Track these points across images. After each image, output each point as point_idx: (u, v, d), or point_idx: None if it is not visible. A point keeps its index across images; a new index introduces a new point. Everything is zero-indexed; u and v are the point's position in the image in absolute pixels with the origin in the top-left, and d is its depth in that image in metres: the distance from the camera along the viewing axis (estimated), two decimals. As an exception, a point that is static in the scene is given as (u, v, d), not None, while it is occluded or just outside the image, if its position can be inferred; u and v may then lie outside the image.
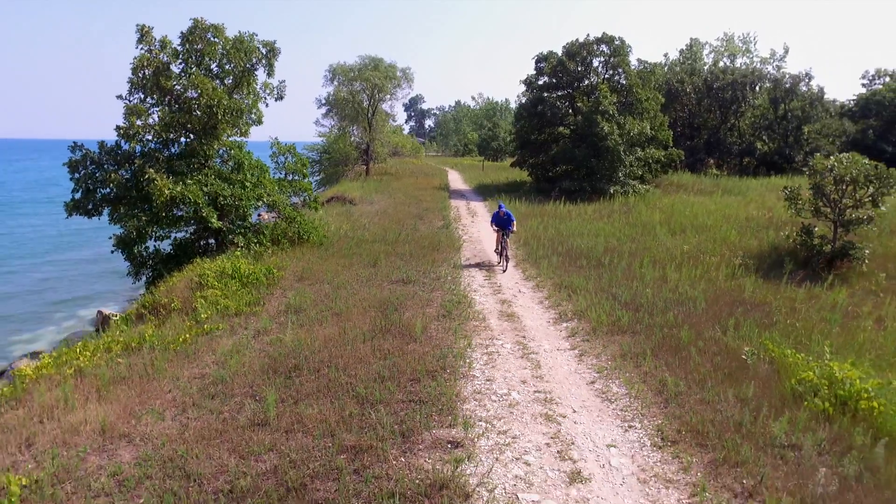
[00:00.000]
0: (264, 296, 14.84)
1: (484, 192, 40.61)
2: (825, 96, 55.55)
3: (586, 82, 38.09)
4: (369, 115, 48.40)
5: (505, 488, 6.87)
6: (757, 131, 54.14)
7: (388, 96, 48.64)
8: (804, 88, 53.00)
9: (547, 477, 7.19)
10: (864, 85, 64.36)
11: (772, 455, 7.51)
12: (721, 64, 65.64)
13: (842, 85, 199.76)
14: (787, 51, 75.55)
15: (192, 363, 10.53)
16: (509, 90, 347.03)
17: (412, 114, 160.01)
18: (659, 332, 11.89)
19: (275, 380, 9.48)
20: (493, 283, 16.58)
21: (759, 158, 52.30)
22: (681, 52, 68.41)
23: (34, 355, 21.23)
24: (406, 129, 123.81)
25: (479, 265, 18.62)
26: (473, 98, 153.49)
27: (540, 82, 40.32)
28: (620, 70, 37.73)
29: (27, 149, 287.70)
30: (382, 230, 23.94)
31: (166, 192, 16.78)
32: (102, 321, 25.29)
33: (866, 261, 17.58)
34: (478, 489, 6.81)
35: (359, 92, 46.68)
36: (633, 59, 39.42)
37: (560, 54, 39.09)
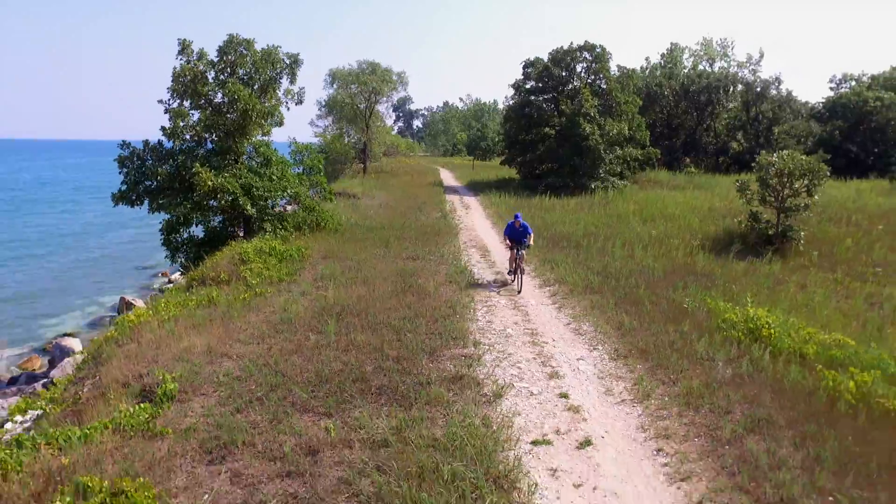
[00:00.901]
0: (298, 269, 17.78)
1: (475, 188, 43.66)
2: (798, 98, 59.28)
3: (570, 86, 41.20)
4: (367, 116, 51.43)
5: (504, 380, 9.92)
6: (731, 132, 57.59)
7: (385, 98, 51.78)
8: (774, 92, 56.58)
9: (533, 375, 10.25)
10: (831, 88, 68.10)
11: (693, 363, 10.59)
12: (700, 67, 69.13)
13: (816, 88, 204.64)
14: (762, 55, 79.35)
15: (257, 313, 13.48)
16: (496, 91, 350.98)
17: (400, 114, 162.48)
18: (622, 291, 15.01)
19: (328, 320, 12.46)
20: (489, 259, 19.66)
21: (732, 157, 55.71)
22: (662, 55, 71.87)
23: (67, 335, 24.07)
24: (395, 129, 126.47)
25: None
26: (461, 99, 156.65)
27: (527, 86, 43.44)
28: (601, 75, 40.91)
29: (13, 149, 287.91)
30: (388, 219, 26.93)
31: (209, 182, 19.69)
32: (126, 306, 28.15)
33: (802, 241, 20.80)
34: (485, 380, 9.85)
35: (357, 94, 49.66)
36: (613, 66, 42.61)
37: (546, 60, 42.23)
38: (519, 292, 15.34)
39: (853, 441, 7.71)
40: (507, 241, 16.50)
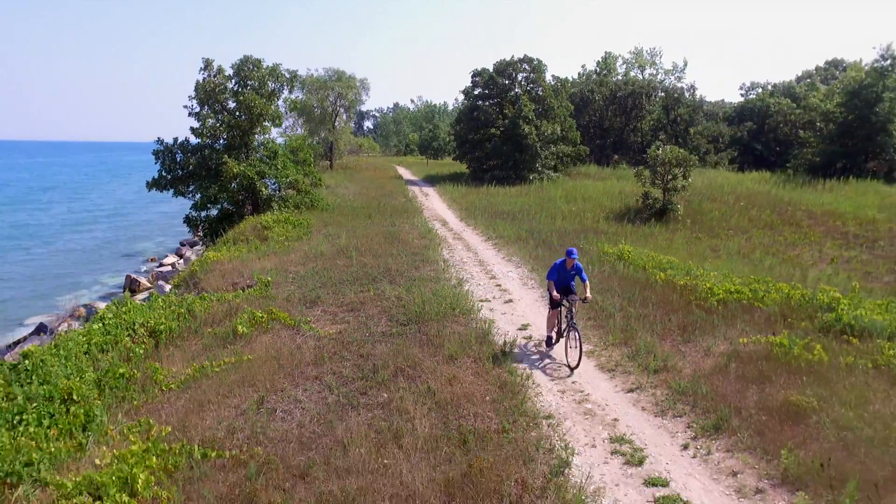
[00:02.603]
0: (307, 233, 24.03)
1: (431, 180, 50.20)
2: (715, 101, 67.81)
3: (512, 93, 48.04)
4: (333, 118, 57.52)
5: (463, 278, 16.50)
6: (654, 132, 65.46)
7: (348, 103, 57.90)
8: (689, 97, 64.86)
9: (481, 278, 16.90)
10: (742, 94, 77.48)
11: (601, 274, 17.26)
12: (632, 73, 77.25)
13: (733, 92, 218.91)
14: (685, 63, 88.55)
15: (295, 253, 19.75)
16: (447, 93, 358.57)
17: (351, 115, 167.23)
18: (540, 240, 21.82)
19: (345, 253, 18.88)
20: (448, 227, 26.27)
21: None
22: (597, 63, 79.90)
23: (81, 306, 29.09)
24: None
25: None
26: (413, 101, 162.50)
27: (475, 92, 50.17)
28: (538, 84, 47.94)
29: None
30: (364, 202, 33.26)
31: (234, 170, 25.74)
32: (131, 283, 33.46)
33: (680, 212, 28.04)
34: (451, 278, 16.42)
35: (324, 99, 55.66)
36: (548, 76, 49.75)
37: (491, 70, 49.04)
38: (573, 369, 10.20)
39: (650, 295, 14.54)
40: (554, 292, 11.01)
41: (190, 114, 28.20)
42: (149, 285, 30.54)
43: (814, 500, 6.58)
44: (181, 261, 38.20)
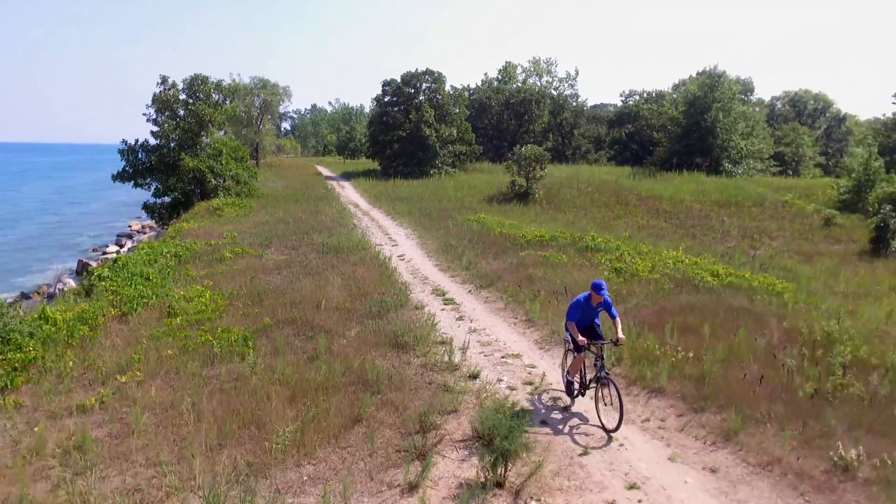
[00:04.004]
0: (250, 213, 31.25)
1: (347, 176, 57.68)
2: (601, 105, 78.11)
3: (416, 101, 56.12)
4: (258, 122, 64.15)
5: (368, 238, 24.40)
6: (545, 133, 75.13)
7: (272, 108, 64.75)
8: (573, 103, 74.97)
9: (381, 239, 24.87)
10: (622, 100, 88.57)
11: (448, 233, 25.50)
12: (531, 81, 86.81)
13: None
14: (577, 72, 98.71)
15: (244, 222, 27.05)
16: (363, 94, 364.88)
17: (275, 119, 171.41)
18: (427, 214, 29.95)
19: (284, 220, 26.41)
20: (360, 208, 34.02)
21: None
22: (499, 71, 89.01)
23: (31, 290, 35.56)
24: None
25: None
26: (330, 103, 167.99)
27: (385, 99, 57.99)
28: (438, 93, 56.25)
29: None
30: (291, 193, 40.54)
31: (190, 165, 32.62)
32: (83, 267, 39.47)
33: (539, 196, 36.81)
34: (360, 238, 24.29)
35: (251, 105, 62.16)
36: (448, 86, 58.16)
37: (399, 81, 56.99)
38: (611, 433, 8.48)
39: (486, 239, 22.81)
40: (573, 334, 9.11)
41: (148, 120, 34.83)
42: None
43: (526, 311, 14.92)
44: (123, 250, 44.16)
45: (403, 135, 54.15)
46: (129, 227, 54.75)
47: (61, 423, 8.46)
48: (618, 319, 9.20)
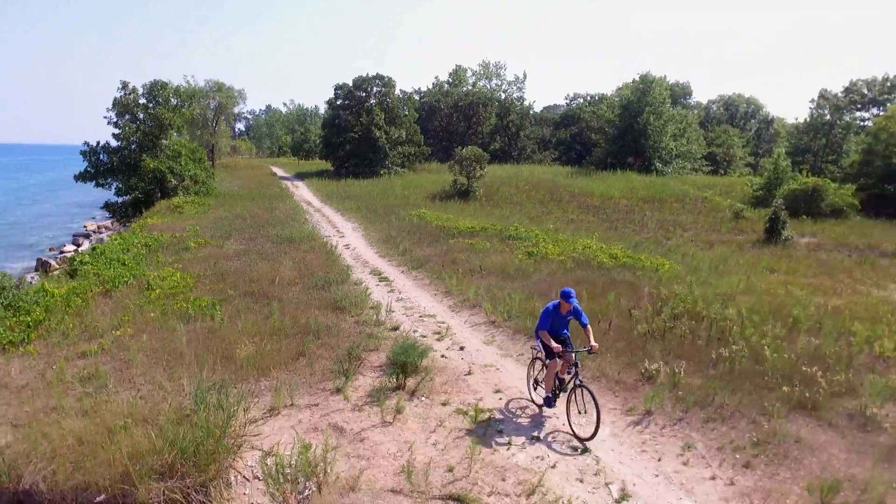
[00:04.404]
0: (209, 210, 33.57)
1: (301, 176, 59.99)
2: (548, 107, 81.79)
3: (367, 104, 58.77)
4: (213, 124, 65.94)
5: (318, 230, 27.10)
6: (492, 135, 78.45)
7: (228, 111, 66.62)
8: (519, 106, 78.49)
9: (330, 231, 27.60)
10: (567, 103, 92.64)
11: (391, 226, 28.35)
12: (480, 84, 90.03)
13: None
14: (525, 76, 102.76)
15: (205, 218, 29.43)
16: (318, 96, 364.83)
17: (230, 121, 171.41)
18: (373, 211, 32.74)
19: (241, 216, 28.90)
20: (314, 206, 36.59)
21: (492, 154, 76.50)
22: (450, 74, 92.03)
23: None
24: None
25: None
26: (285, 104, 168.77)
27: (338, 103, 60.44)
28: (388, 97, 59.00)
29: None
30: (248, 192, 42.84)
31: (151, 165, 34.73)
32: (42, 264, 41.19)
33: (479, 193, 39.89)
34: (311, 230, 26.96)
35: (206, 107, 63.95)
36: (398, 90, 60.93)
37: (350, 85, 59.53)
38: (584, 441, 8.67)
39: (424, 231, 25.74)
40: (546, 342, 9.33)
41: (109, 122, 36.84)
42: (58, 267, 38.69)
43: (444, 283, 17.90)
44: (81, 249, 45.82)
45: (355, 137, 56.75)
46: (85, 227, 56.04)
47: (73, 363, 11.06)
48: (589, 327, 9.37)
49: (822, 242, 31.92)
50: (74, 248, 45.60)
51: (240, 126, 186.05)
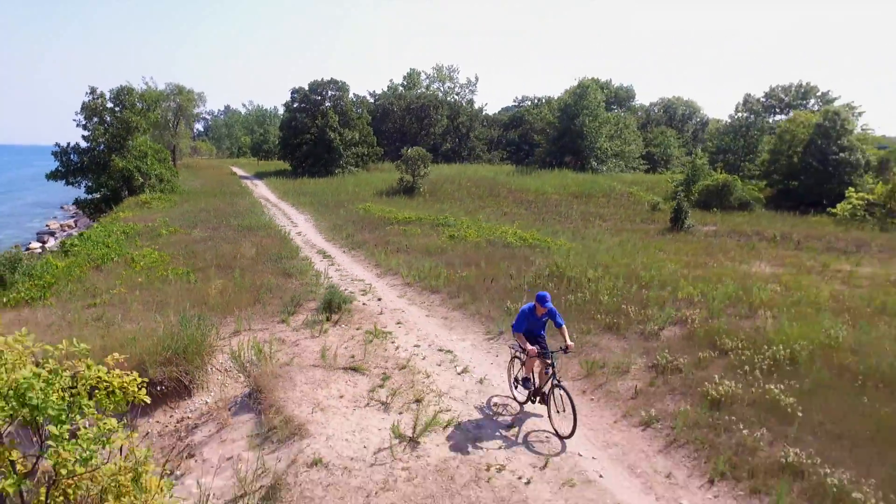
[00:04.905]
0: (175, 205, 36.93)
1: (260, 175, 63.32)
2: (485, 112, 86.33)
3: (322, 107, 62.34)
4: (174, 126, 68.82)
5: (274, 222, 30.83)
6: (443, 136, 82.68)
7: (188, 113, 69.63)
8: (469, 108, 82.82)
9: (284, 222, 31.35)
10: (514, 105, 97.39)
11: (338, 216, 32.20)
12: (434, 87, 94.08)
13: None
14: (477, 79, 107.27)
15: (171, 212, 32.87)
16: (277, 97, 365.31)
17: (190, 122, 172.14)
18: (325, 205, 36.53)
19: (206, 210, 32.44)
20: (272, 202, 40.17)
21: (443, 154, 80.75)
22: (404, 77, 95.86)
23: None
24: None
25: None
26: (244, 105, 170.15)
27: (294, 106, 63.91)
28: (342, 100, 62.69)
29: None
30: (210, 190, 46.15)
31: (120, 165, 37.90)
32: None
33: (424, 189, 43.93)
34: (268, 221, 30.69)
35: (168, 109, 66.82)
36: (351, 94, 64.65)
37: (306, 89, 63.03)
38: (564, 439, 9.11)
39: (367, 221, 29.66)
40: (522, 345, 9.74)
41: (78, 125, 39.91)
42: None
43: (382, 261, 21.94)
44: (48, 246, 48.78)
45: (311, 138, 60.30)
46: (47, 226, 58.59)
47: (84, 312, 14.75)
48: (564, 327, 9.68)
49: (720, 230, 36.57)
50: (41, 244, 48.40)
51: (198, 126, 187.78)
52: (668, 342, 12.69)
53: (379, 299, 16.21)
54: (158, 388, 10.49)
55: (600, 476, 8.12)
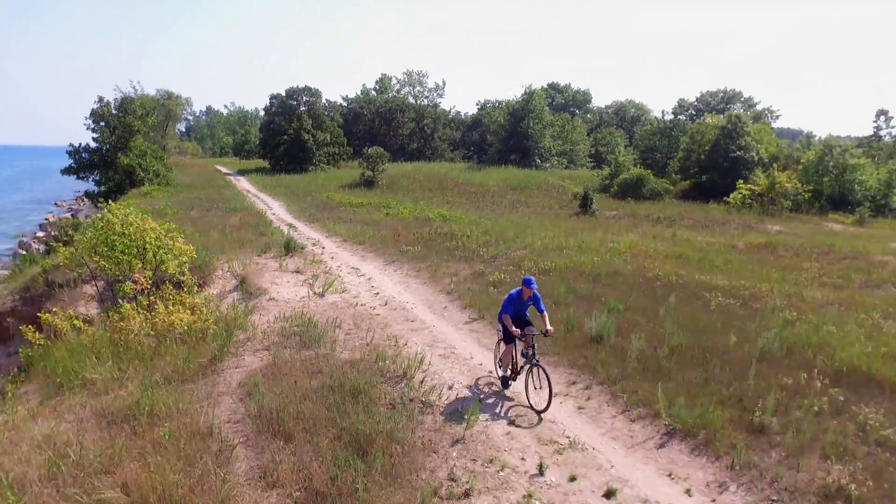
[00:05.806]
0: (172, 195, 44.65)
1: (243, 172, 70.86)
2: (450, 115, 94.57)
3: (297, 111, 70.14)
4: (164, 128, 76.48)
5: (259, 209, 38.77)
6: (410, 137, 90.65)
7: (176, 116, 77.44)
8: (433, 111, 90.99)
9: (263, 210, 39.35)
10: (478, 108, 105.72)
11: (312, 205, 40.16)
12: (404, 90, 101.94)
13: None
14: (444, 83, 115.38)
15: (171, 200, 40.66)
16: (258, 98, 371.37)
17: (170, 120, 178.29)
18: (296, 194, 44.53)
19: (199, 198, 40.32)
20: (252, 193, 48.05)
21: (410, 153, 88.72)
22: (376, 81, 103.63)
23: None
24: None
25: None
26: (226, 106, 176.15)
27: (272, 109, 71.68)
28: (315, 105, 70.60)
29: None
30: (199, 184, 53.79)
31: (125, 162, 45.58)
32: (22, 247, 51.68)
33: (382, 183, 51.98)
34: (257, 208, 38.64)
35: (158, 112, 74.38)
36: (324, 99, 72.64)
37: (283, 94, 70.84)
38: (540, 413, 9.76)
39: (328, 206, 37.67)
40: (507, 326, 10.38)
41: (88, 128, 47.64)
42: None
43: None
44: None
45: (287, 139, 68.13)
46: (46, 219, 66.05)
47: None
48: (545, 313, 10.50)
49: (620, 214, 44.78)
50: (43, 234, 56.03)
51: (180, 127, 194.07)
52: (493, 265, 20.97)
53: (323, 248, 24.34)
54: (186, 284, 18.54)
55: (413, 308, 16.28)
